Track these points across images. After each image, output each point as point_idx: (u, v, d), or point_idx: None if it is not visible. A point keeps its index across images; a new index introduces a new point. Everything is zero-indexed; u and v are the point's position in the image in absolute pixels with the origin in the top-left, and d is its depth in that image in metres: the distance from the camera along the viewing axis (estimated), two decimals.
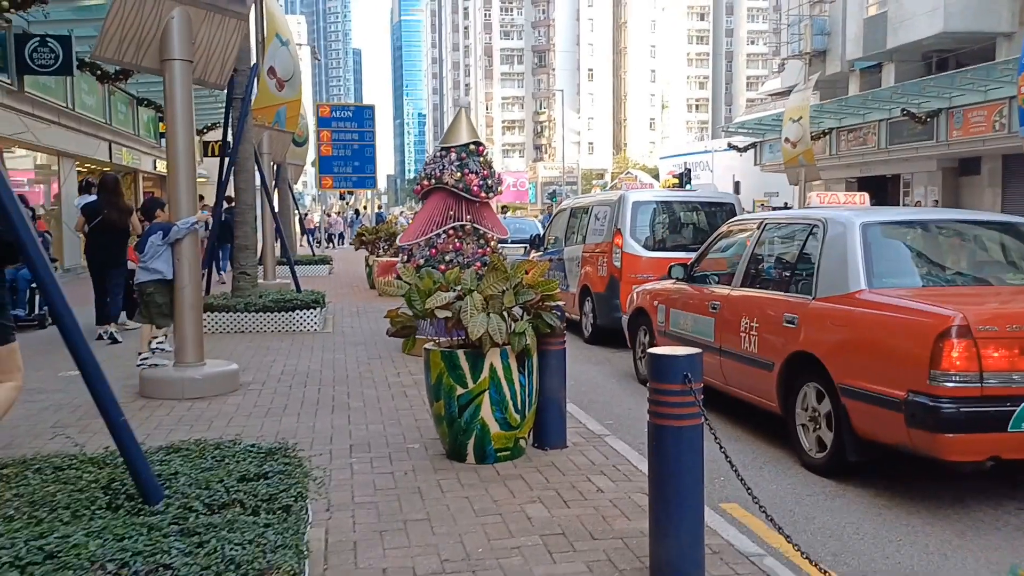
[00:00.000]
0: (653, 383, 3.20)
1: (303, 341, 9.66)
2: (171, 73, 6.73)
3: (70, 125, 18.84)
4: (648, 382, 3.25)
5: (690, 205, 10.80)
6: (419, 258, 8.73)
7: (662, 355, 3.17)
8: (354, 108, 30.99)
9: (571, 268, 11.49)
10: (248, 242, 10.76)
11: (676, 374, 3.12)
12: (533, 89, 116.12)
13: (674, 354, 3.15)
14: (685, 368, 3.12)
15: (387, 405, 6.43)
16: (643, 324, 8.00)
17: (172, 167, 6.84)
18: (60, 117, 18.06)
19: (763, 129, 37.25)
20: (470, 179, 8.54)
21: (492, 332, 4.59)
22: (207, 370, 6.84)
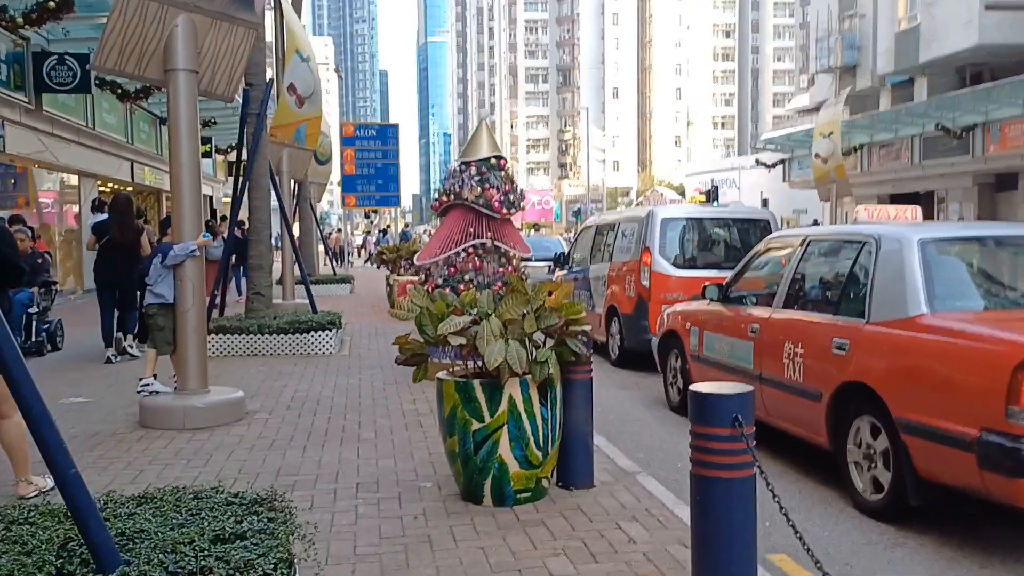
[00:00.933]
0: (697, 426, 2.73)
1: (317, 364, 9.25)
2: (175, 84, 6.38)
3: (90, 144, 18.72)
4: (690, 425, 2.78)
5: (722, 221, 10.31)
6: (437, 277, 8.31)
7: (706, 393, 2.71)
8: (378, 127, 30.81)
9: (597, 287, 11.03)
10: (263, 261, 10.41)
11: (724, 416, 2.66)
12: (558, 107, 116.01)
13: (721, 392, 2.68)
14: (735, 409, 2.65)
15: (400, 436, 5.99)
16: (674, 348, 7.51)
17: (176, 184, 6.48)
18: (80, 136, 17.94)
19: (792, 145, 36.67)
20: (491, 195, 8.12)
21: (511, 361, 4.14)
22: (210, 398, 6.44)
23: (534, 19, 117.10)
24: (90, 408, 7.03)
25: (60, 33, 14.93)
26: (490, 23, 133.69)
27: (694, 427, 2.74)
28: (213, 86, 6.78)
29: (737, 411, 2.64)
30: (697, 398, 2.73)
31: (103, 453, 5.57)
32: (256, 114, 10.16)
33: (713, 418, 2.66)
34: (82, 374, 8.81)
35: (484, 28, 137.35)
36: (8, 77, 13.73)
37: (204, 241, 6.43)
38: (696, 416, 2.73)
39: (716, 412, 2.66)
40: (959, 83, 27.29)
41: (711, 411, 2.68)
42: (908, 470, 4.33)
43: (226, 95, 6.90)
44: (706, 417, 2.69)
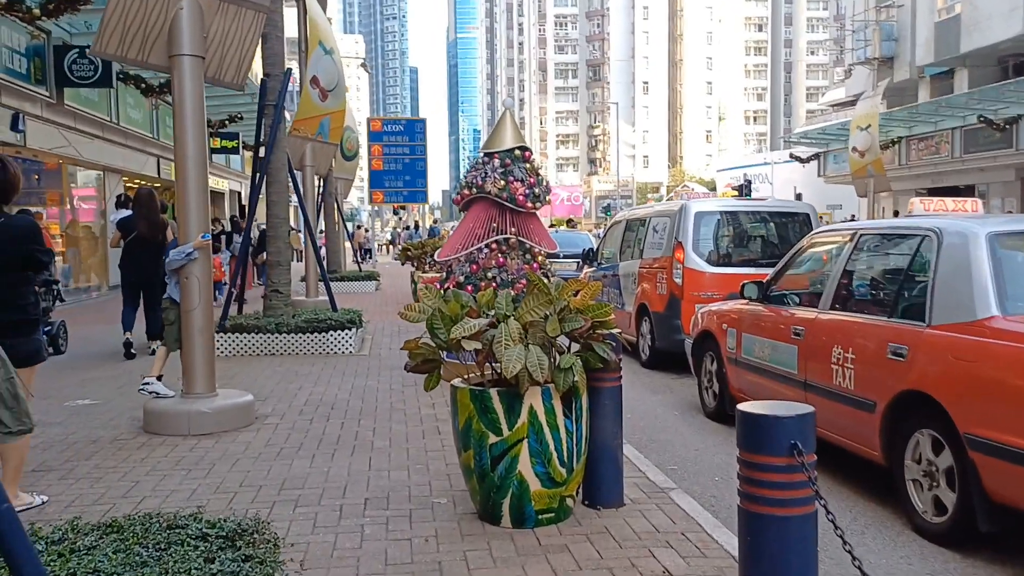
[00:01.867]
0: (746, 453, 2.31)
1: (335, 365, 8.90)
2: (180, 71, 6.04)
3: (115, 140, 18.56)
4: (738, 451, 2.35)
5: (759, 215, 9.81)
6: (459, 274, 7.92)
7: (758, 414, 2.28)
8: (405, 122, 30.50)
9: (627, 285, 10.58)
10: (281, 258, 10.08)
11: (780, 442, 2.23)
12: (587, 103, 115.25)
13: (776, 414, 2.25)
14: (793, 433, 2.22)
15: (415, 445, 5.60)
16: (710, 349, 7.06)
17: (180, 177, 6.14)
18: (104, 131, 17.77)
19: (827, 139, 35.87)
20: (515, 188, 7.70)
21: (531, 368, 3.73)
22: (217, 403, 6.09)
23: (564, 14, 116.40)
24: (95, 411, 6.73)
25: (82, 26, 14.73)
26: (519, 18, 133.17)
27: (743, 454, 2.31)
28: (221, 73, 6.43)
29: (796, 436, 2.21)
30: (747, 420, 2.30)
31: (100, 462, 5.24)
32: (274, 105, 9.83)
33: (767, 445, 2.24)
34: (95, 373, 8.53)
35: (513, 23, 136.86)
36: (28, 71, 13.53)
37: (202, 243, 6.07)
38: (745, 441, 2.30)
39: (770, 437, 2.24)
40: (1001, 74, 26.44)
41: (764, 436, 2.25)
42: (977, 492, 3.86)
43: (235, 82, 6.54)
44: (758, 443, 2.26)
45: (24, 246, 4.68)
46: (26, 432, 4.42)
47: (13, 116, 13.32)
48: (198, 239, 6.03)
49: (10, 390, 4.33)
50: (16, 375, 4.30)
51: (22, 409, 4.38)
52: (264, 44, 9.98)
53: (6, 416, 4.37)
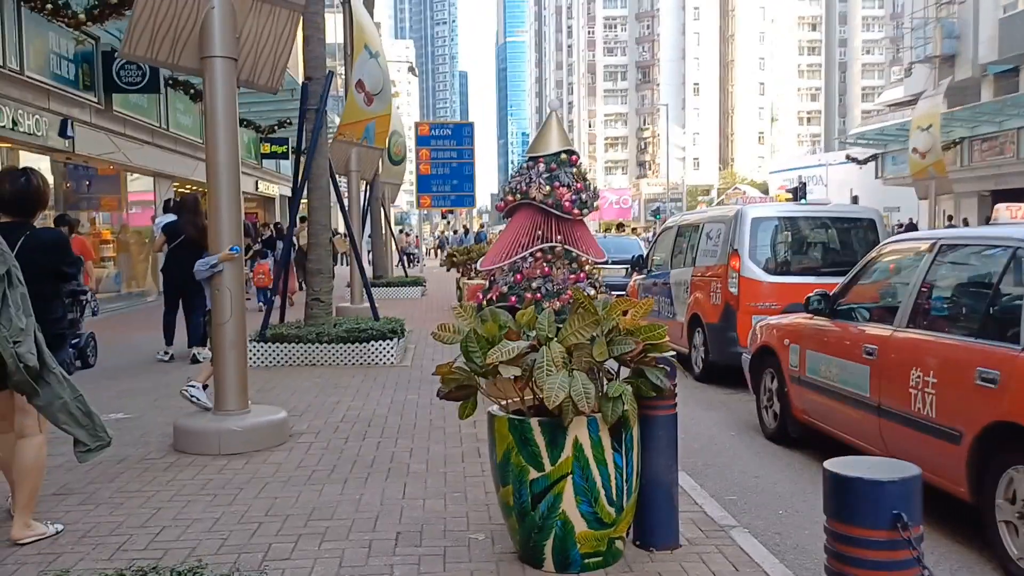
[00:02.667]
0: (835, 523, 1.91)
1: (376, 377, 8.62)
2: (211, 73, 5.79)
3: (165, 145, 18.61)
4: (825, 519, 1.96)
5: (820, 221, 9.29)
6: (502, 284, 7.58)
7: (851, 477, 1.88)
8: (453, 126, 30.34)
9: (678, 294, 10.14)
10: (322, 266, 9.83)
11: (879, 513, 1.83)
12: (637, 105, 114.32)
13: (875, 477, 1.85)
14: (897, 502, 1.82)
15: (454, 469, 5.25)
16: (770, 366, 6.61)
17: (212, 184, 5.89)
18: (154, 137, 17.82)
19: (885, 140, 34.87)
20: (561, 193, 7.34)
21: (576, 397, 3.36)
22: (249, 420, 5.82)
23: (613, 16, 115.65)
24: (127, 427, 6.52)
25: None
26: (568, 21, 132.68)
27: (831, 523, 1.92)
28: (255, 76, 6.19)
29: (900, 505, 1.81)
30: (836, 482, 1.90)
31: (124, 484, 4.99)
32: (315, 109, 9.60)
33: (863, 515, 1.84)
34: (134, 384, 8.37)
35: (563, 26, 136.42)
36: (77, 77, 13.56)
37: (228, 255, 5.80)
38: (835, 508, 1.91)
39: (868, 506, 1.84)
40: None
41: (860, 504, 1.85)
42: None
43: (270, 85, 6.29)
44: (851, 512, 1.86)
45: (51, 258, 4.56)
46: (105, 447, 4.29)
47: (62, 122, 13.34)
48: (225, 251, 5.77)
49: (81, 408, 4.20)
50: (82, 392, 4.21)
51: (97, 424, 4.27)
52: (306, 47, 9.78)
53: (82, 434, 4.29)
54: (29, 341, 4.09)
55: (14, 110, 11.79)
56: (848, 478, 1.88)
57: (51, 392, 4.07)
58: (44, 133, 12.79)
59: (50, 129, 13.00)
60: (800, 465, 5.85)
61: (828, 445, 5.90)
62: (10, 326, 4.00)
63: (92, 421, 4.18)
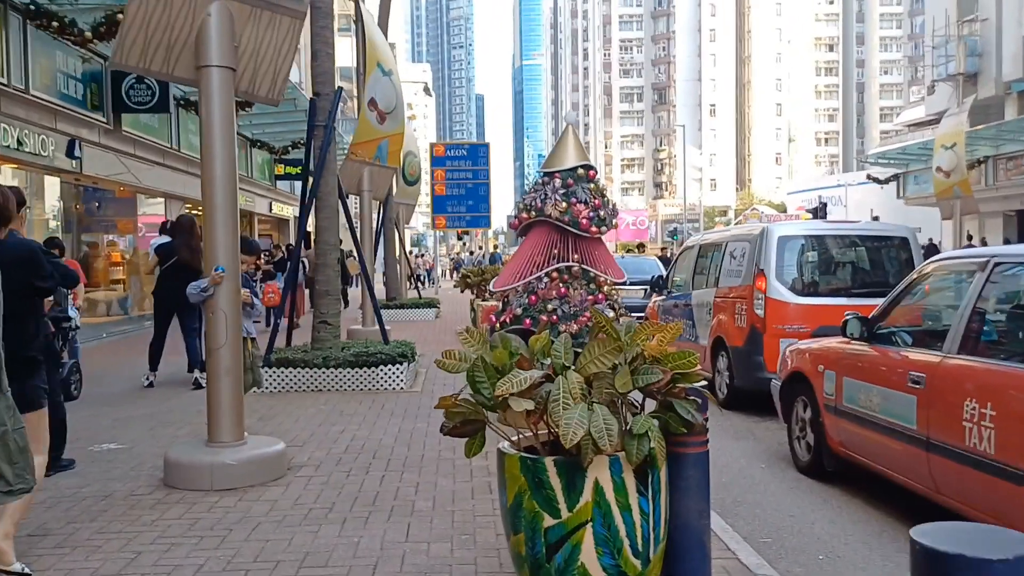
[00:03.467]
0: None
1: (384, 403, 8.23)
2: (207, 83, 5.47)
3: (176, 166, 18.41)
4: None
5: (850, 240, 8.86)
6: (516, 307, 7.20)
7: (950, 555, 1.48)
8: (468, 146, 30.08)
9: (700, 316, 9.72)
10: (329, 287, 9.49)
11: None
12: (653, 126, 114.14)
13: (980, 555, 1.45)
14: None
15: (463, 507, 4.85)
16: (802, 394, 6.17)
17: (208, 203, 5.55)
18: (165, 158, 17.62)
19: (907, 159, 34.36)
20: (578, 210, 6.98)
21: (597, 434, 2.96)
22: (245, 453, 5.44)
23: (629, 38, 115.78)
24: (118, 458, 6.16)
25: None
26: (584, 44, 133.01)
27: None
28: (255, 87, 5.86)
29: None
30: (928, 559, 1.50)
31: (105, 524, 4.61)
32: (323, 126, 9.30)
33: None
34: (131, 411, 8.02)
35: (579, 49, 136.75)
36: (85, 96, 13.34)
37: (217, 277, 5.45)
38: None
39: None
40: None
41: None
42: None
43: (270, 97, 5.96)
44: None
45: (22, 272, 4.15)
46: (26, 491, 3.89)
47: (69, 143, 13.11)
48: (213, 274, 5.42)
49: (18, 442, 3.81)
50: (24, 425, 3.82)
51: (27, 464, 3.88)
52: (314, 62, 9.49)
53: (7, 471, 3.86)
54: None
55: (19, 129, 11.57)
56: (948, 555, 1.47)
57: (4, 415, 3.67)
58: (51, 154, 12.57)
59: (56, 150, 12.77)
60: (838, 502, 5.40)
61: (868, 480, 5.47)
62: None
63: (24, 459, 3.79)
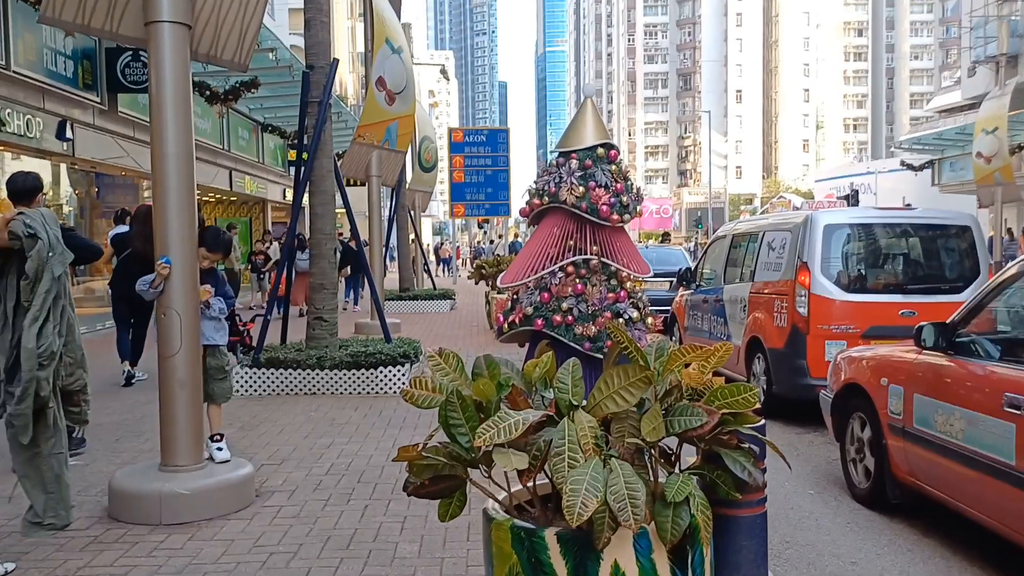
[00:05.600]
0: None
1: (381, 410, 7.41)
2: (158, 42, 4.63)
3: None
4: None
5: (903, 228, 7.88)
6: (526, 305, 6.31)
7: None
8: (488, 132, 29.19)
9: (733, 313, 8.79)
10: (325, 280, 8.65)
11: None
12: (677, 113, 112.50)
13: None
14: None
15: (455, 553, 4.00)
16: (859, 410, 5.26)
17: (159, 179, 4.71)
18: None
19: (943, 145, 33.14)
20: (597, 196, 6.06)
21: (616, 504, 2.09)
22: (201, 481, 4.61)
23: (654, 23, 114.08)
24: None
25: None
26: (608, 30, 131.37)
27: None
28: (218, 49, 5.01)
29: None
30: None
31: (21, 573, 3.80)
32: (318, 102, 8.45)
33: None
34: (101, 417, 7.18)
35: (602, 35, 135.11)
36: (76, 75, 12.58)
37: (161, 269, 4.62)
38: None
39: None
40: None
41: None
42: None
43: (237, 61, 5.11)
44: None
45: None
46: (57, 530, 3.65)
47: (59, 124, 12.37)
48: (156, 266, 4.59)
49: (54, 469, 3.63)
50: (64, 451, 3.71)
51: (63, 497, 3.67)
52: (307, 31, 8.63)
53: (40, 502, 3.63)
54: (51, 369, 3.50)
55: (1, 109, 10.82)
56: None
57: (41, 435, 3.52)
58: (38, 135, 11.82)
59: (45, 131, 12.03)
60: (907, 543, 4.50)
61: (944, 515, 4.56)
62: (45, 344, 3.44)
63: (59, 491, 3.55)
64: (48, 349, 3.50)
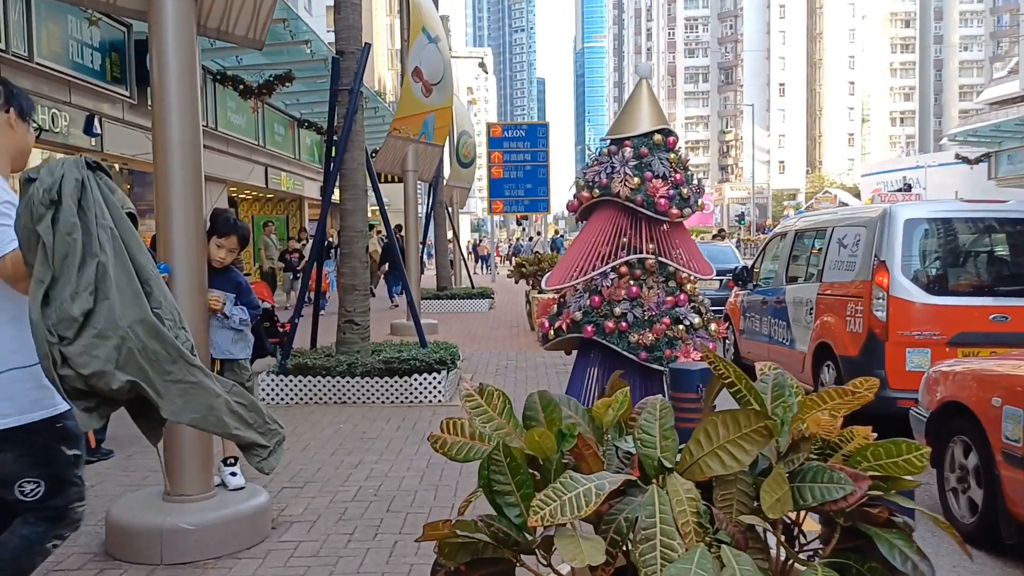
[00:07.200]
0: None
1: (415, 423, 6.83)
2: (159, 16, 4.08)
3: (214, 146, 17.26)
4: None
5: (992, 223, 7.10)
6: (575, 309, 5.70)
7: None
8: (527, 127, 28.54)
9: (798, 316, 8.08)
10: (356, 281, 8.10)
11: None
12: (719, 107, 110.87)
13: None
14: None
15: None
16: (962, 432, 4.56)
17: (162, 171, 4.16)
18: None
19: (1000, 137, 31.82)
20: (654, 187, 5.44)
21: None
22: (210, 514, 4.05)
23: (694, 16, 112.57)
24: None
25: None
26: (648, 24, 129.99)
27: None
28: (229, 23, 4.45)
29: None
30: None
31: None
32: (348, 90, 7.89)
33: None
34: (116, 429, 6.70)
35: (642, 29, 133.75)
36: (104, 67, 12.17)
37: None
38: None
39: None
40: None
41: None
42: None
43: (251, 37, 4.54)
44: None
45: None
46: (282, 440, 3.23)
47: (87, 119, 11.96)
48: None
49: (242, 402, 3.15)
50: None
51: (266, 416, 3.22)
52: (337, 14, 8.08)
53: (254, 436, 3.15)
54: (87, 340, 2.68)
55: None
56: None
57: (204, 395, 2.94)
58: (64, 130, 11.43)
59: (72, 126, 11.64)
60: None
61: None
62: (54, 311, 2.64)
63: (260, 414, 3.14)
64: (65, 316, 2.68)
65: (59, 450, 2.79)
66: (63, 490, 2.80)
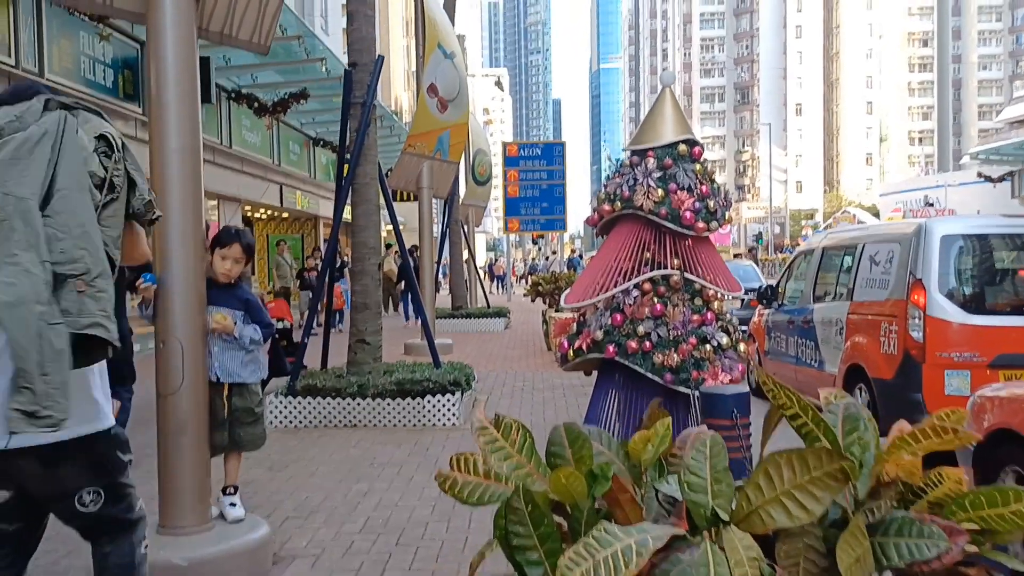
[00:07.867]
0: None
1: (428, 447, 6.54)
2: (158, 18, 3.85)
3: (228, 165, 17.14)
4: None
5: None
6: (595, 328, 5.41)
7: None
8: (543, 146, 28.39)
9: (827, 336, 7.75)
10: (367, 299, 7.84)
11: None
12: (735, 127, 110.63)
13: None
14: None
15: None
16: (1013, 462, 4.23)
17: (159, 178, 3.91)
18: (214, 155, 16.34)
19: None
20: (680, 200, 5.16)
21: None
22: (207, 548, 3.77)
23: (710, 37, 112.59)
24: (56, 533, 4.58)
25: None
26: (664, 44, 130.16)
27: None
28: (232, 27, 4.22)
29: None
30: None
31: None
32: (361, 103, 7.67)
33: None
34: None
35: (657, 50, 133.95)
36: (116, 84, 12.07)
37: (144, 290, 3.83)
38: None
39: None
40: None
41: None
42: None
43: (257, 41, 4.31)
44: None
45: None
46: None
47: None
48: (140, 285, 3.79)
49: None
50: None
51: None
52: (350, 25, 7.89)
53: None
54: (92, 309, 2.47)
55: None
56: None
57: None
58: None
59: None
60: None
61: None
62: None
63: None
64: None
65: (117, 457, 2.72)
66: (121, 497, 2.75)
